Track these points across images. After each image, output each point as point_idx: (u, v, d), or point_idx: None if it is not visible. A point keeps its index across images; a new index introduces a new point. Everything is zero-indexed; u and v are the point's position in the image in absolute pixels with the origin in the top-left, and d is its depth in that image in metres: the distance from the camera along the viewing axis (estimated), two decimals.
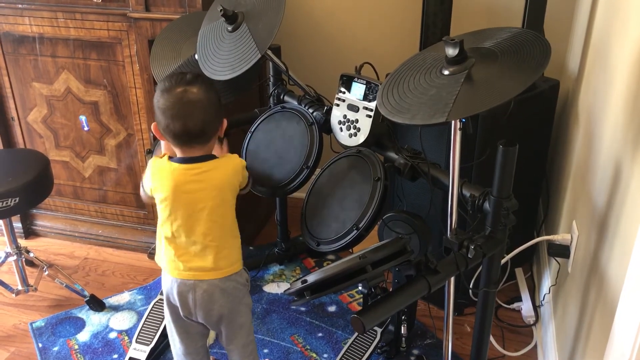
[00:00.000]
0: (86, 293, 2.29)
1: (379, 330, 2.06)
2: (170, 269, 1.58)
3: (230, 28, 1.84)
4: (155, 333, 2.09)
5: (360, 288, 2.30)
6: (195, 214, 1.54)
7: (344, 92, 1.84)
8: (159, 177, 1.55)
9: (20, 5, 2.33)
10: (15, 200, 2.02)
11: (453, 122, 1.38)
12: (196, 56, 1.91)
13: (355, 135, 1.81)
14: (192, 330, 1.68)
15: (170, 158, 1.56)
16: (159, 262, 1.62)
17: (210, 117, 1.51)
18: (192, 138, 1.51)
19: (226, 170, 1.57)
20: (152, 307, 2.20)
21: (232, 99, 2.05)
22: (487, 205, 1.46)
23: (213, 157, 1.57)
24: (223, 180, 1.56)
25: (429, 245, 1.67)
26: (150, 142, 2.37)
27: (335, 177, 1.79)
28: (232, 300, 1.61)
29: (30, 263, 2.47)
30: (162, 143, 1.64)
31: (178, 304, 1.60)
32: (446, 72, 1.37)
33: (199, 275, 1.56)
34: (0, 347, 2.15)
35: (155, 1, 2.16)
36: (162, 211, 1.56)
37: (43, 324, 2.24)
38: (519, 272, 2.38)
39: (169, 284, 1.60)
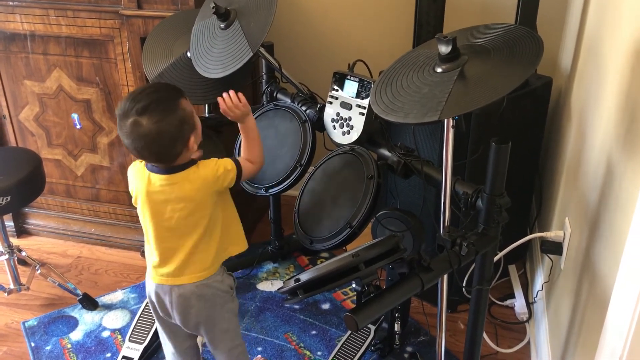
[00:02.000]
0: (79, 292, 2.28)
1: (373, 328, 2.06)
2: (151, 272, 1.60)
3: (222, 25, 1.83)
4: (149, 332, 2.08)
5: (353, 286, 2.30)
6: (162, 222, 1.53)
7: (337, 90, 1.84)
8: (135, 182, 1.55)
9: (11, 2, 2.31)
10: (6, 199, 2.01)
11: (446, 120, 1.37)
12: (189, 54, 1.91)
13: (349, 133, 1.81)
14: (178, 332, 1.68)
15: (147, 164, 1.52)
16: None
17: (163, 147, 1.44)
18: (152, 162, 1.50)
19: (196, 183, 1.50)
20: (145, 305, 2.19)
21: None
22: (480, 202, 1.46)
23: (186, 166, 1.50)
24: (191, 193, 1.50)
25: (422, 242, 1.67)
26: None
27: (328, 175, 1.79)
28: (210, 306, 1.59)
29: (23, 262, 2.45)
30: None
31: (157, 305, 1.61)
32: (439, 70, 1.37)
33: (171, 280, 1.56)
34: None
35: None
36: (139, 215, 1.57)
37: (35, 323, 2.23)
38: (512, 269, 2.39)
39: (149, 285, 1.61)
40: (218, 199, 1.55)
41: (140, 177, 1.53)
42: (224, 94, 1.61)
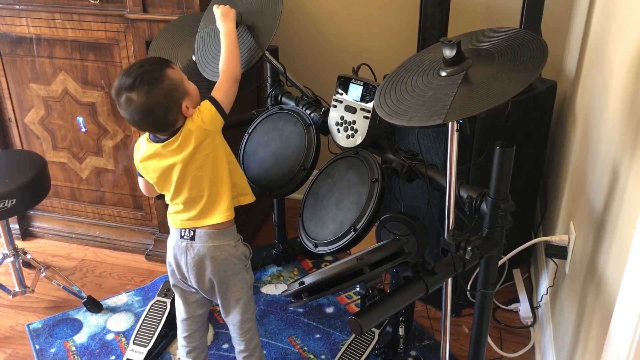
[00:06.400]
0: (83, 294, 2.29)
1: (377, 332, 2.06)
2: (173, 222, 1.68)
3: None
4: (153, 334, 2.09)
5: (357, 289, 2.29)
6: (179, 181, 1.61)
7: (341, 94, 1.84)
8: (145, 164, 1.63)
9: (17, 6, 2.32)
10: (12, 202, 2.02)
11: (450, 123, 1.38)
12: (194, 57, 1.91)
13: (353, 136, 1.81)
14: (190, 299, 1.77)
15: (150, 135, 1.62)
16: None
17: (157, 117, 1.54)
18: (152, 132, 1.60)
19: (192, 138, 1.57)
20: (150, 308, 2.19)
21: None
22: (484, 206, 1.46)
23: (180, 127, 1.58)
24: (191, 148, 1.58)
25: (426, 246, 1.67)
26: None
27: (332, 179, 1.79)
28: (223, 271, 1.65)
29: (27, 264, 2.46)
30: None
31: (174, 267, 1.70)
32: (443, 74, 1.37)
33: (193, 223, 1.64)
34: None
35: (153, 2, 2.16)
36: (156, 186, 1.67)
37: (40, 326, 2.24)
38: (516, 273, 2.38)
39: (170, 247, 1.68)
40: (215, 137, 1.62)
41: (148, 154, 1.62)
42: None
